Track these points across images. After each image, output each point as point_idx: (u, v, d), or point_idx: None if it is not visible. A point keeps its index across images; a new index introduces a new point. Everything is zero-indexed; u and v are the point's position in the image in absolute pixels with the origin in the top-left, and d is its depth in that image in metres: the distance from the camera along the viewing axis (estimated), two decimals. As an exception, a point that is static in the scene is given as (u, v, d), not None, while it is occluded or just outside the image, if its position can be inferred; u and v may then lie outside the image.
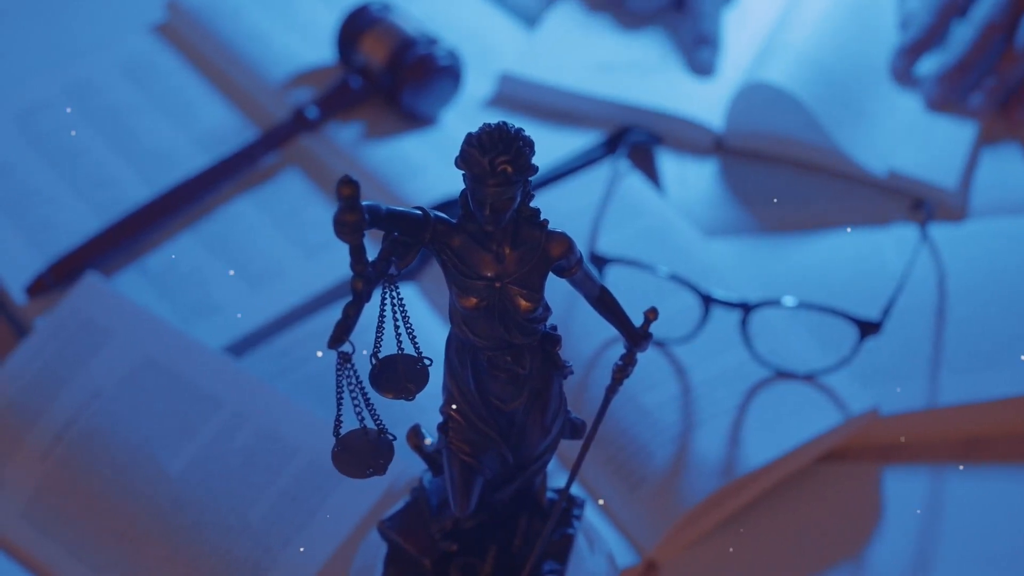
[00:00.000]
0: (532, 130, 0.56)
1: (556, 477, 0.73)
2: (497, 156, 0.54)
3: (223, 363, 0.91)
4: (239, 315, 0.98)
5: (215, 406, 0.88)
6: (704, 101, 1.12)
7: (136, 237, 1.02)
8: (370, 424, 0.58)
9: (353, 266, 0.53)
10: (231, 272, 1.01)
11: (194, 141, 1.10)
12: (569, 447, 0.67)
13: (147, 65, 1.16)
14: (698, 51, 1.14)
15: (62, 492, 0.87)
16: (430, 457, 0.65)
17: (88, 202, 1.06)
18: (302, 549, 0.83)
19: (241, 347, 0.96)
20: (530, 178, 0.56)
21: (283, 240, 1.04)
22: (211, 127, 1.11)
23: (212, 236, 1.04)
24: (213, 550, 0.83)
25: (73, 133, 1.10)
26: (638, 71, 1.15)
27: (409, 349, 0.58)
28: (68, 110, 1.11)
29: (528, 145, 0.55)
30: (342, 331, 0.54)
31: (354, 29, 1.10)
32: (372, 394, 0.58)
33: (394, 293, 0.56)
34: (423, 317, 0.96)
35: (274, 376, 0.93)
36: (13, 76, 1.16)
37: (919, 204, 1.04)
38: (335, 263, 1.01)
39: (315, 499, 0.84)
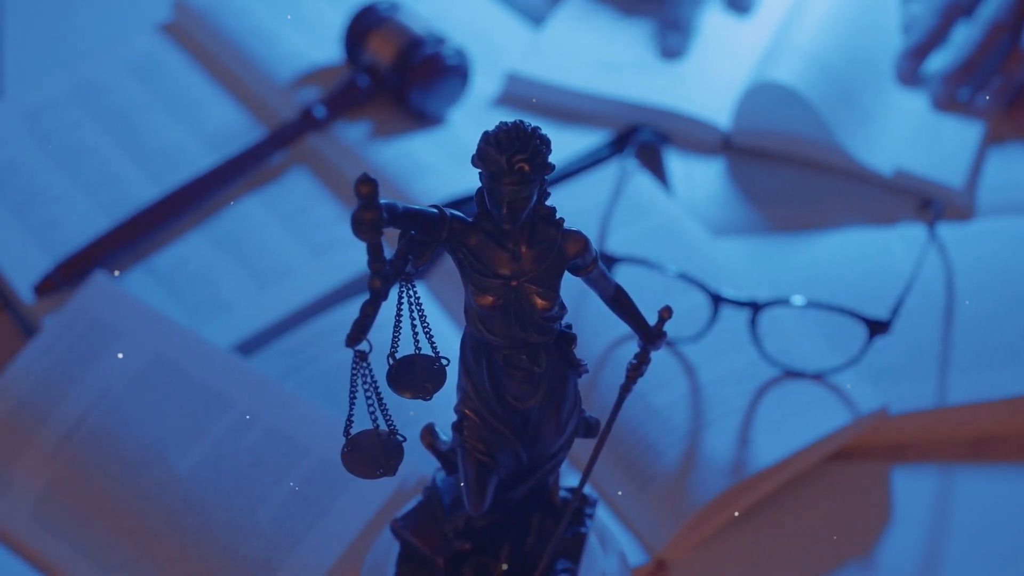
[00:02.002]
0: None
1: (568, 476, 0.73)
2: (514, 154, 0.54)
3: (232, 362, 0.91)
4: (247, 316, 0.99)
5: (224, 405, 0.88)
6: (711, 100, 1.12)
7: (144, 236, 1.02)
8: (382, 424, 0.58)
9: (371, 264, 0.53)
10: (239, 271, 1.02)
11: (201, 140, 1.10)
12: (580, 446, 0.67)
13: (154, 64, 1.16)
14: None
15: (71, 491, 0.87)
16: (444, 456, 0.65)
17: (96, 201, 1.06)
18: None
19: (250, 346, 0.96)
20: (547, 176, 0.56)
21: (291, 239, 1.04)
22: (218, 126, 1.11)
23: (220, 235, 1.04)
24: (223, 549, 0.83)
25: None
26: (645, 70, 1.15)
27: (426, 347, 0.58)
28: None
29: (545, 143, 0.55)
30: (359, 329, 0.53)
31: (361, 28, 1.10)
32: (385, 394, 0.58)
33: (411, 292, 0.56)
34: (434, 316, 0.96)
35: (283, 375, 0.93)
36: (21, 75, 1.16)
37: (927, 203, 1.04)
38: (343, 262, 1.01)
39: (325, 498, 0.84)
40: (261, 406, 0.88)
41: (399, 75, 1.08)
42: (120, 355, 0.90)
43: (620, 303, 0.60)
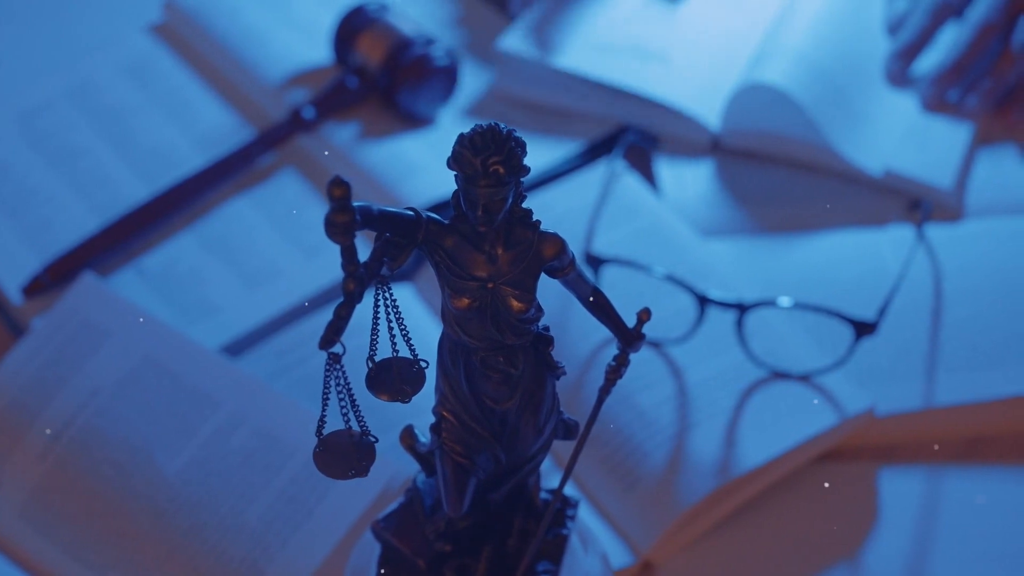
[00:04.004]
0: (529, 130, 0.56)
1: (550, 477, 0.73)
2: (489, 157, 0.54)
3: (220, 363, 0.91)
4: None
5: (213, 406, 0.88)
6: (701, 99, 1.11)
7: (133, 237, 1.02)
8: (355, 425, 0.58)
9: (344, 267, 0.53)
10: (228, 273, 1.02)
11: (191, 141, 1.10)
12: (564, 447, 0.67)
13: (145, 66, 1.16)
14: None
15: (60, 492, 0.87)
16: (423, 458, 0.65)
17: (85, 202, 1.06)
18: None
19: (239, 347, 0.97)
20: (522, 179, 0.56)
21: (280, 240, 1.04)
22: (208, 127, 1.11)
23: (209, 236, 1.04)
24: (211, 550, 0.84)
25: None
26: (637, 55, 1.14)
27: (403, 350, 0.58)
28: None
29: (520, 146, 0.55)
30: (333, 332, 0.53)
31: (351, 29, 1.10)
32: (360, 396, 0.58)
33: (387, 294, 0.56)
34: (420, 318, 0.96)
35: (271, 376, 0.93)
36: (13, 77, 1.16)
37: (916, 204, 1.04)
38: (333, 263, 1.01)
39: (312, 499, 0.84)
40: (250, 407, 0.88)
41: (388, 76, 1.08)
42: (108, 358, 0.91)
43: (598, 305, 0.60)
